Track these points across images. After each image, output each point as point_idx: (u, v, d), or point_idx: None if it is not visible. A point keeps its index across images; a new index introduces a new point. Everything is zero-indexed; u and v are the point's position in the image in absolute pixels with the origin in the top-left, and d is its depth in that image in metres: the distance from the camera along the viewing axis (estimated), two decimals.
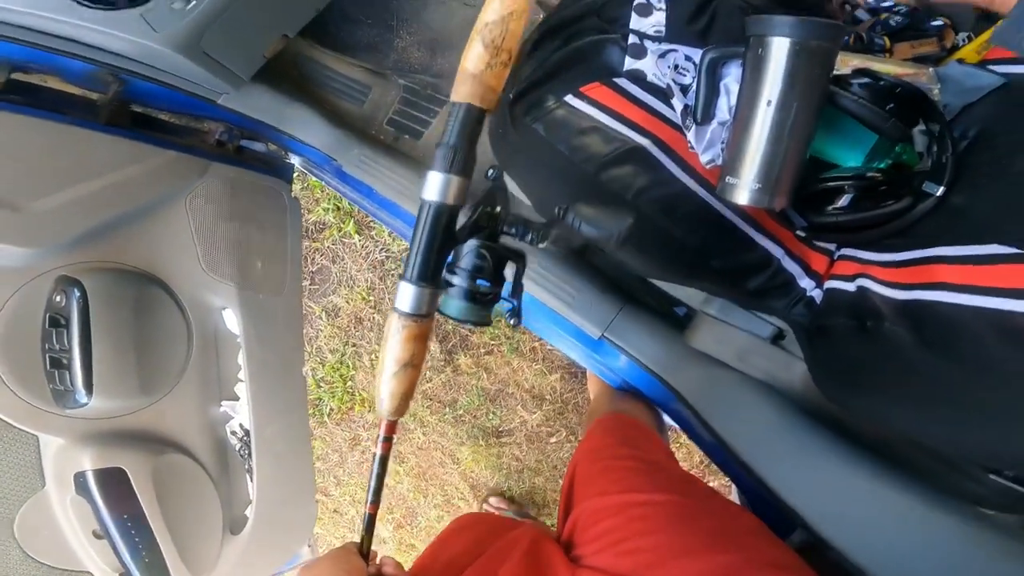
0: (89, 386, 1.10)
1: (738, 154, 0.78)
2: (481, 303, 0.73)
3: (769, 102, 0.74)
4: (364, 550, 0.82)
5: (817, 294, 0.88)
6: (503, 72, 0.64)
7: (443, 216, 0.65)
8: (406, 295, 0.66)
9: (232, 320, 1.43)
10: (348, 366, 2.41)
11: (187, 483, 1.29)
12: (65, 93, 1.29)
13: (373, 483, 0.79)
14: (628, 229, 0.73)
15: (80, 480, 1.09)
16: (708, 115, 0.85)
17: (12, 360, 1.05)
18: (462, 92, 0.64)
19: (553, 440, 2.15)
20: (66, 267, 1.12)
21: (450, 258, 0.72)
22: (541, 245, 0.77)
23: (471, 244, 0.72)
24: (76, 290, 1.10)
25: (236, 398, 1.45)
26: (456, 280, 0.71)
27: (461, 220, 0.70)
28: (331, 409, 2.49)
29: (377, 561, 0.84)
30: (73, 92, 1.30)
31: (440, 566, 0.86)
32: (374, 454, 0.78)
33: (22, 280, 1.07)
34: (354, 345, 2.36)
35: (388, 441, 0.77)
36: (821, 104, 0.76)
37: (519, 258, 0.77)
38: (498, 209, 0.74)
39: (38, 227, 1.08)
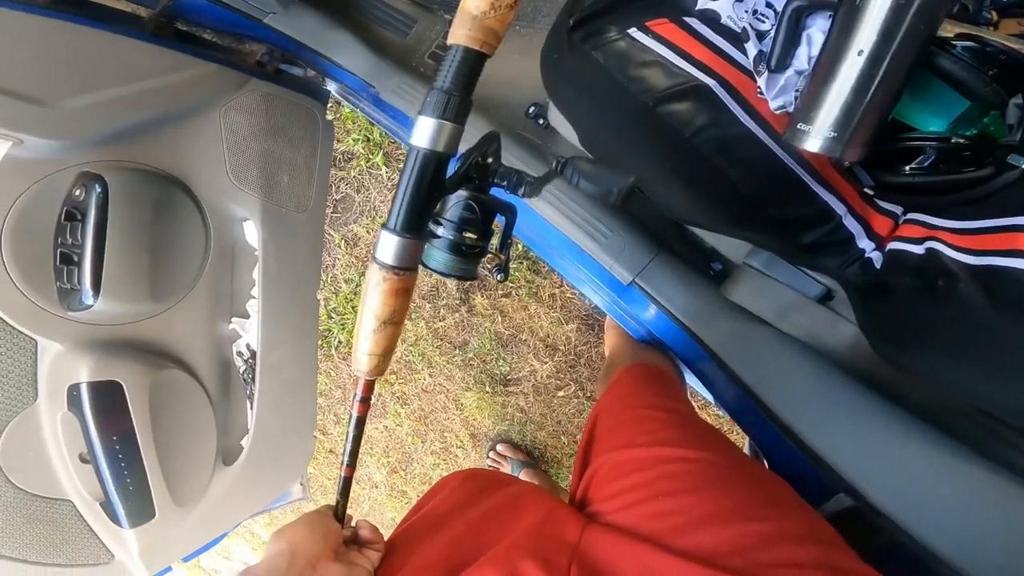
0: (97, 286, 1.07)
1: (815, 101, 0.74)
2: (467, 256, 0.71)
3: (860, 52, 0.69)
4: (339, 513, 0.81)
5: (876, 256, 0.84)
6: (508, 15, 0.59)
7: (432, 164, 0.61)
8: (389, 246, 0.62)
9: (252, 233, 1.40)
10: None
11: (184, 404, 1.25)
12: (114, 9, 1.25)
13: (349, 445, 0.77)
14: (628, 188, 0.70)
15: (74, 393, 1.05)
16: (784, 64, 0.81)
17: (21, 253, 1.01)
18: (460, 34, 0.59)
19: (561, 394, 2.12)
20: (90, 163, 1.09)
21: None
22: (532, 199, 0.73)
23: (459, 195, 0.69)
24: (97, 185, 1.06)
25: (247, 316, 1.43)
26: (441, 231, 0.69)
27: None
28: (339, 342, 2.47)
29: (353, 524, 0.82)
30: (123, 8, 1.27)
31: (424, 526, 0.81)
32: (350, 415, 0.75)
33: (43, 172, 1.03)
34: None
35: (365, 402, 0.74)
36: (917, 63, 0.71)
37: (509, 211, 0.74)
38: (490, 160, 0.71)
39: (66, 122, 1.04)
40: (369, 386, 0.73)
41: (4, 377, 1.02)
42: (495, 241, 0.75)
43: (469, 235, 0.70)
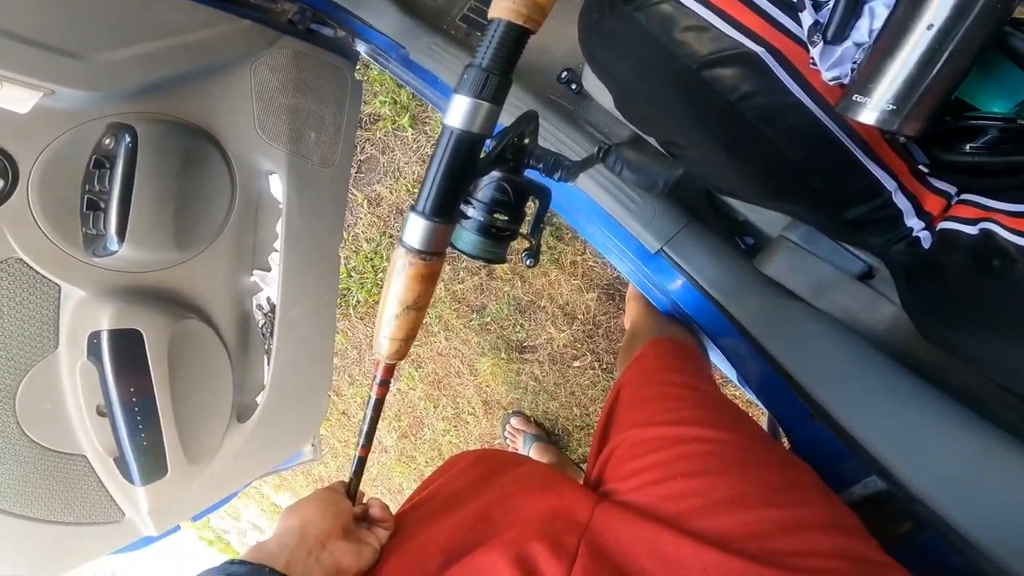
0: (122, 232, 1.07)
1: (875, 74, 0.70)
2: (497, 239, 0.69)
3: (930, 26, 0.65)
4: (352, 491, 0.81)
5: (924, 235, 0.81)
6: None
7: (466, 146, 0.58)
8: (416, 229, 0.60)
9: (277, 187, 1.40)
10: (382, 257, 2.37)
11: (203, 357, 1.25)
12: None
13: (366, 426, 0.76)
14: (676, 180, 0.67)
15: (94, 341, 1.04)
16: (842, 35, 0.77)
17: (47, 199, 1.01)
18: (503, 7, 0.55)
19: (576, 364, 2.10)
20: (121, 114, 1.08)
21: None
22: (569, 183, 0.72)
23: (492, 176, 0.67)
24: (127, 135, 1.06)
25: (268, 268, 1.43)
26: (472, 212, 0.67)
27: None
28: (358, 301, 2.47)
29: (364, 502, 0.82)
30: None
31: (433, 505, 0.80)
32: (369, 396, 0.74)
33: (74, 122, 1.03)
34: (391, 236, 2.32)
35: (384, 385, 0.73)
36: (988, 41, 0.67)
37: (543, 194, 0.72)
38: (526, 140, 0.69)
39: (99, 74, 1.03)
40: (389, 369, 0.72)
41: (27, 322, 1.01)
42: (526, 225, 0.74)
43: (500, 217, 0.68)
